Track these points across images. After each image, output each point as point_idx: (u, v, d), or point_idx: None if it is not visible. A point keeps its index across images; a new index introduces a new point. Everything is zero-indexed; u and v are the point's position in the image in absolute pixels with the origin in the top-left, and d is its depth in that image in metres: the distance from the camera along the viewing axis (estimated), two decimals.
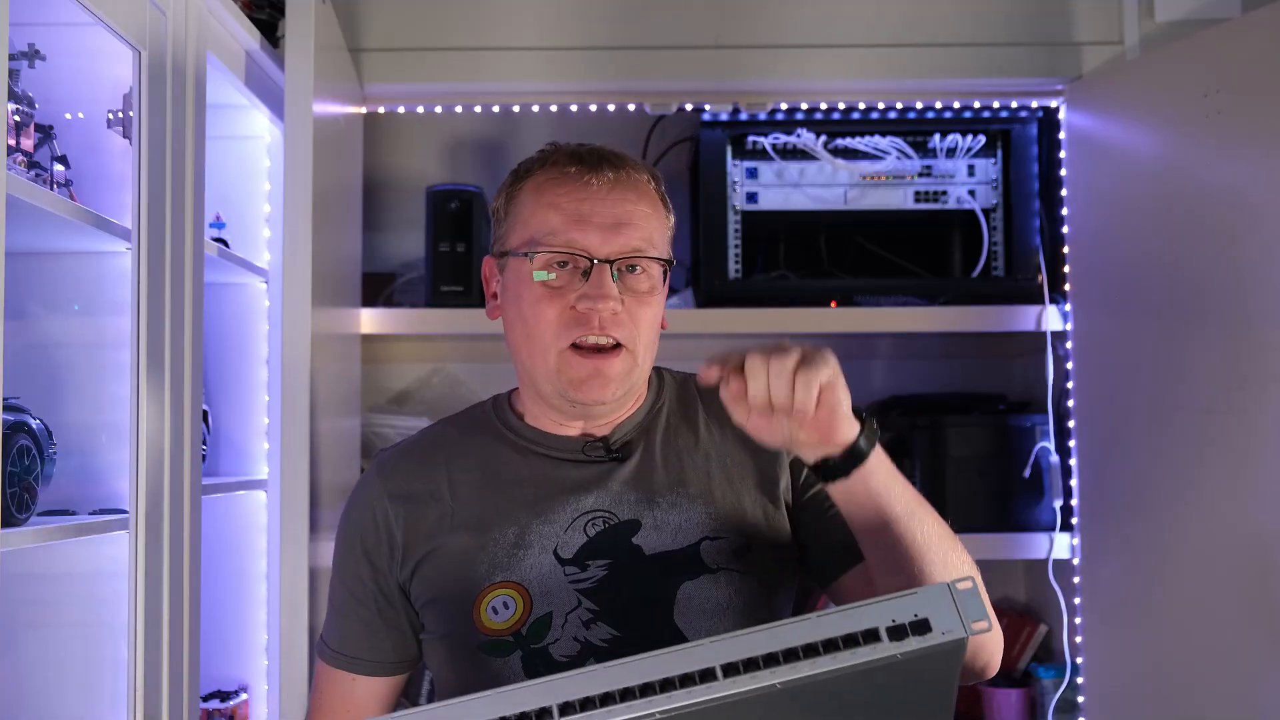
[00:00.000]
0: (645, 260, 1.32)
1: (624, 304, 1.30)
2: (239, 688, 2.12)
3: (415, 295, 2.54)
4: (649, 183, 1.36)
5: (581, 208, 1.31)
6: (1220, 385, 2.01)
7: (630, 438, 1.37)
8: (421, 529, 1.33)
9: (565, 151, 1.35)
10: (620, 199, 1.32)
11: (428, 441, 1.42)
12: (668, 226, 1.38)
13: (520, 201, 1.35)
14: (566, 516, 1.32)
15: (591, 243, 1.30)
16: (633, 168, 1.35)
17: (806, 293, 2.41)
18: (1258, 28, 2.00)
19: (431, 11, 2.37)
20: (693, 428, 1.40)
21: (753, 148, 2.43)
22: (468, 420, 1.44)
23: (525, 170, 1.37)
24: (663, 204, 1.38)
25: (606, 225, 1.30)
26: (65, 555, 1.55)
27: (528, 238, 1.33)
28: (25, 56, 1.50)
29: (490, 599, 1.29)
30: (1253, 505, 1.95)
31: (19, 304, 1.55)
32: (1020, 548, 2.36)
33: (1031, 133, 2.43)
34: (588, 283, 1.29)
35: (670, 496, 1.33)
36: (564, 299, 1.30)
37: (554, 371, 1.31)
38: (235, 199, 2.15)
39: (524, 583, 1.29)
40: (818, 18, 2.38)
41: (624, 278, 1.31)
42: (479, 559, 1.30)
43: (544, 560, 1.30)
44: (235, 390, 2.16)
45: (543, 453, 1.36)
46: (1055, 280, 2.40)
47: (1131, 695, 2.20)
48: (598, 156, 1.34)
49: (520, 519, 1.32)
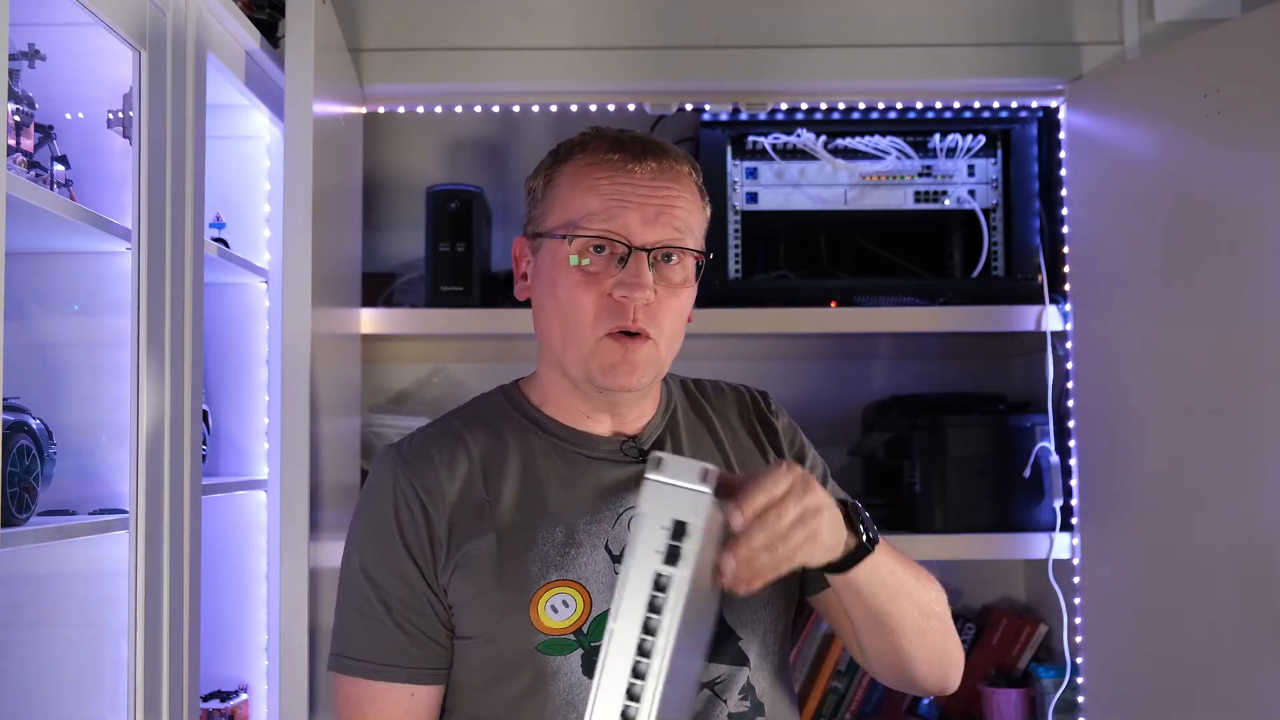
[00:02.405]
0: (681, 251, 1.31)
1: (656, 294, 1.29)
2: (239, 688, 2.12)
3: (415, 295, 2.54)
4: (690, 174, 1.35)
5: (623, 193, 1.30)
6: (1220, 385, 2.01)
7: (660, 437, 1.39)
8: (459, 526, 1.30)
9: (608, 137, 1.34)
10: (661, 188, 1.31)
11: (449, 435, 1.37)
12: (704, 220, 1.37)
13: (559, 184, 1.34)
14: (612, 514, 1.31)
15: (631, 229, 1.29)
16: (674, 158, 1.34)
17: (806, 293, 2.41)
18: (1258, 28, 2.00)
19: (431, 11, 2.37)
20: (708, 426, 1.42)
21: (753, 148, 2.43)
22: (483, 413, 1.40)
23: (566, 152, 1.35)
24: (701, 196, 1.37)
25: (646, 213, 1.29)
26: (65, 555, 1.55)
27: (566, 220, 1.31)
28: (25, 56, 1.50)
29: (549, 597, 1.27)
30: (1253, 505, 1.95)
31: (19, 304, 1.55)
32: (1020, 548, 2.36)
33: (1031, 133, 2.43)
34: (624, 270, 1.28)
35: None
36: (600, 285, 1.29)
37: (586, 357, 1.30)
38: (235, 199, 2.15)
39: (582, 580, 1.28)
40: (818, 17, 2.38)
41: (659, 267, 1.30)
42: (528, 558, 1.28)
43: (597, 557, 1.29)
44: (235, 390, 2.16)
45: (581, 453, 1.35)
46: (1055, 280, 2.40)
47: (1131, 695, 2.20)
48: (641, 144, 1.33)
49: (566, 518, 1.30)
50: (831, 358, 2.67)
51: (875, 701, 2.52)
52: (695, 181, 1.36)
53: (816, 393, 2.66)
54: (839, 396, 2.65)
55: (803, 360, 2.67)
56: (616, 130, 1.36)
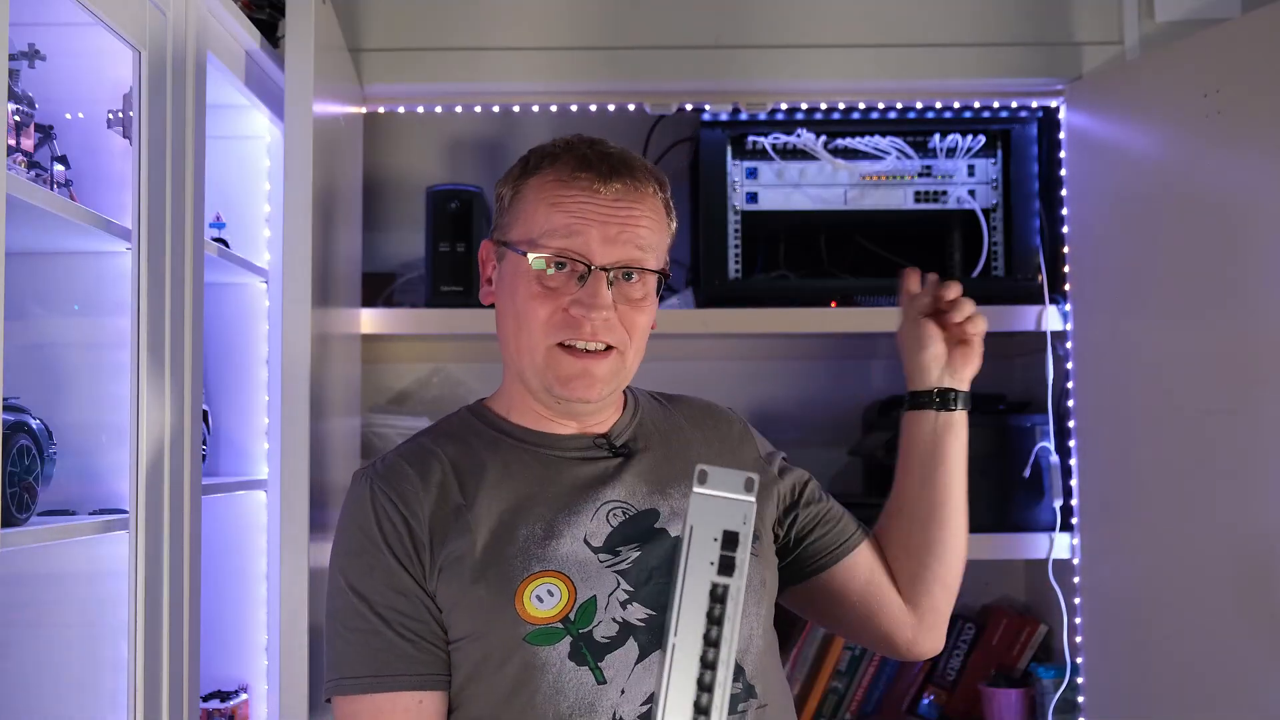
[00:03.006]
0: (642, 271, 1.35)
1: (616, 309, 1.33)
2: (239, 688, 2.12)
3: (415, 295, 2.54)
4: (655, 193, 1.38)
5: (585, 212, 1.32)
6: (1220, 385, 2.01)
7: (630, 435, 1.42)
8: (439, 530, 1.31)
9: (577, 154, 1.36)
10: (624, 208, 1.34)
11: (419, 450, 1.38)
12: (668, 236, 1.41)
13: (525, 196, 1.37)
14: (590, 507, 1.34)
15: (592, 249, 1.32)
16: (640, 178, 1.36)
17: (806, 293, 2.41)
18: (1258, 28, 2.00)
19: (431, 11, 2.37)
20: (678, 428, 1.46)
21: (753, 148, 2.43)
22: (451, 430, 1.42)
23: (535, 164, 1.38)
24: (666, 213, 1.40)
25: (608, 234, 1.32)
26: (65, 555, 1.55)
27: (528, 234, 1.34)
28: (25, 56, 1.50)
29: (533, 588, 1.28)
30: (1253, 505, 1.95)
31: (19, 304, 1.55)
32: (1020, 548, 2.36)
33: (1031, 133, 2.43)
34: (583, 289, 1.32)
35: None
36: (557, 300, 1.33)
37: (542, 367, 1.34)
38: (235, 199, 2.15)
39: (564, 569, 1.29)
40: (818, 18, 2.38)
41: (619, 284, 1.34)
42: (510, 553, 1.30)
43: (577, 548, 1.31)
44: (235, 390, 2.16)
45: (553, 454, 1.38)
46: (1055, 280, 2.40)
47: (1131, 695, 2.20)
48: (609, 164, 1.35)
49: (544, 514, 1.33)
50: (831, 358, 2.67)
51: (875, 701, 2.52)
52: (661, 199, 1.38)
53: (816, 393, 2.66)
54: (839, 396, 2.65)
55: (803, 360, 2.67)
56: (588, 144, 1.37)
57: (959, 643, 2.54)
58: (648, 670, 1.27)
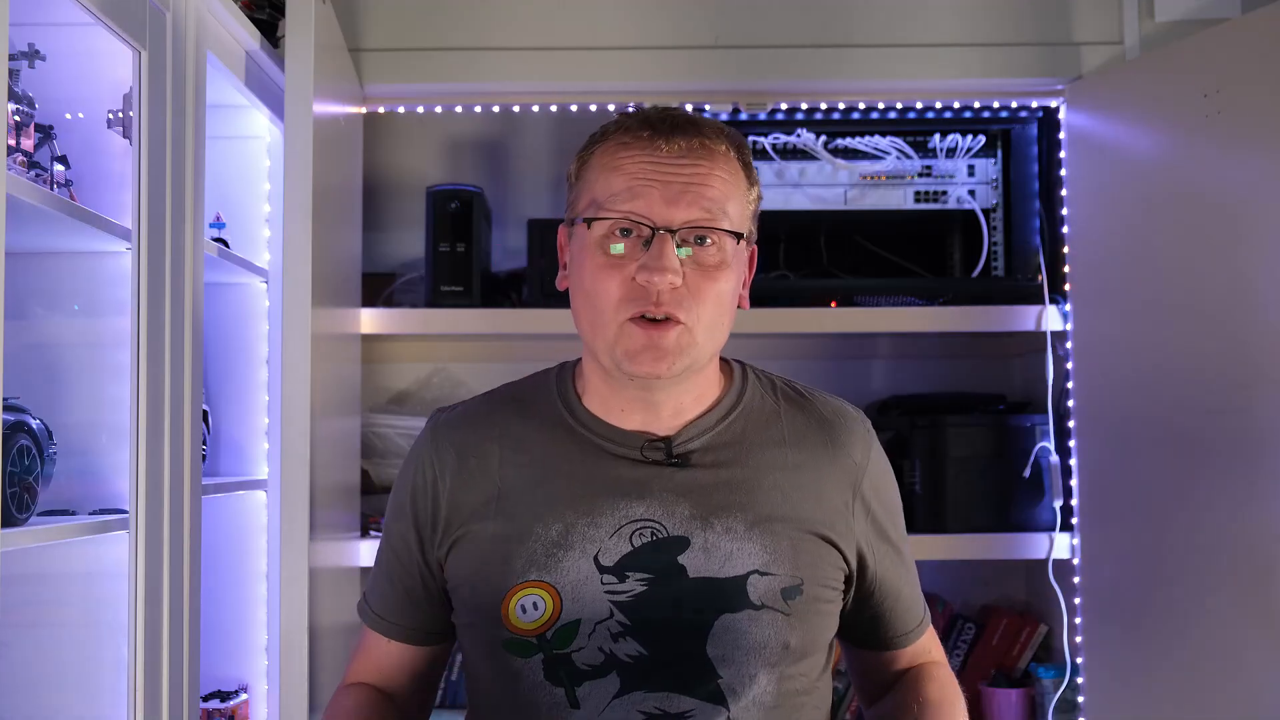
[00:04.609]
0: (715, 232, 1.24)
1: (687, 278, 1.22)
2: (239, 688, 2.12)
3: (415, 295, 2.54)
4: (728, 150, 1.27)
5: (646, 171, 1.23)
6: (1220, 385, 2.01)
7: (694, 446, 1.29)
8: (465, 506, 1.29)
9: (640, 115, 1.27)
10: (689, 165, 1.24)
11: (487, 411, 1.36)
12: (747, 198, 1.30)
13: (590, 166, 1.28)
14: (613, 521, 1.25)
15: (653, 210, 1.22)
16: (711, 135, 1.26)
17: (806, 293, 2.41)
18: (1258, 28, 2.00)
19: (431, 11, 2.38)
20: (767, 447, 1.31)
21: (752, 148, 2.43)
22: (531, 393, 1.37)
23: (601, 134, 1.29)
24: (744, 173, 1.30)
25: (670, 192, 1.22)
26: (65, 555, 1.55)
27: (590, 202, 1.26)
28: (25, 56, 1.50)
29: (520, 597, 1.24)
30: (1253, 505, 1.95)
31: (19, 304, 1.55)
32: (1020, 548, 2.36)
33: (1031, 133, 2.43)
34: (647, 253, 1.21)
35: (726, 520, 1.25)
36: (625, 270, 1.22)
37: (612, 343, 1.24)
38: (235, 199, 2.15)
39: (557, 585, 1.24)
40: (818, 18, 2.38)
41: (692, 250, 1.23)
42: (517, 552, 1.25)
43: (582, 565, 1.24)
44: (235, 390, 2.16)
45: (600, 444, 1.29)
46: (1055, 280, 2.40)
47: (1131, 695, 2.20)
48: (672, 122, 1.25)
49: (565, 516, 1.26)
50: (831, 358, 2.67)
51: None
52: (736, 158, 1.28)
53: None
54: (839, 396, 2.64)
55: (803, 360, 2.67)
56: (656, 108, 1.29)
57: (959, 642, 2.54)
58: (625, 706, 1.21)
